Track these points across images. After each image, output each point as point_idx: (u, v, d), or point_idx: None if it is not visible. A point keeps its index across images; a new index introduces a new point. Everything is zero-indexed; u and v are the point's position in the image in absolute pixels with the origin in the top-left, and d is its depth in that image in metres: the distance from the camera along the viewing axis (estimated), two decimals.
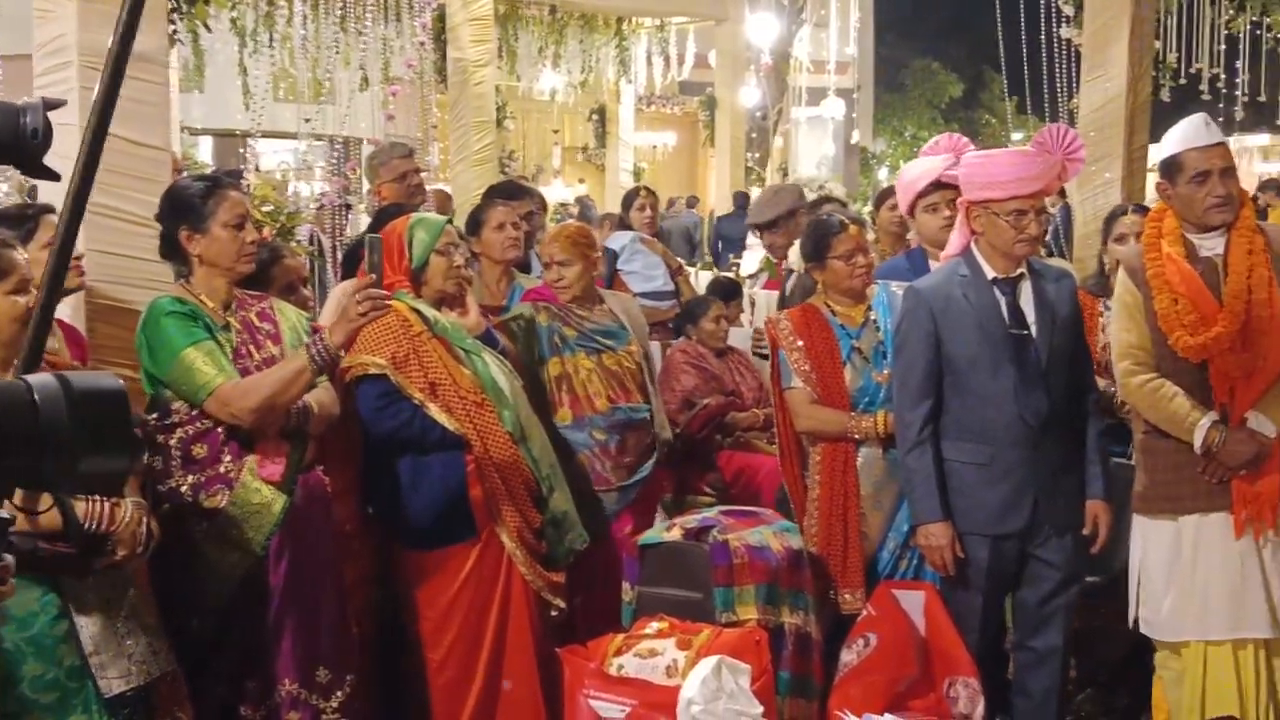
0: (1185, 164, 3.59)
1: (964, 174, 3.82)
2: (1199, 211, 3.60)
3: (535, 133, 17.58)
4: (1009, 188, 3.68)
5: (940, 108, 28.33)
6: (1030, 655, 3.91)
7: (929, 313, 3.79)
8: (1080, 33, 6.62)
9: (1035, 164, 3.71)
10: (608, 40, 12.20)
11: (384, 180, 5.47)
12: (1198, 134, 3.61)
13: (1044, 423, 3.72)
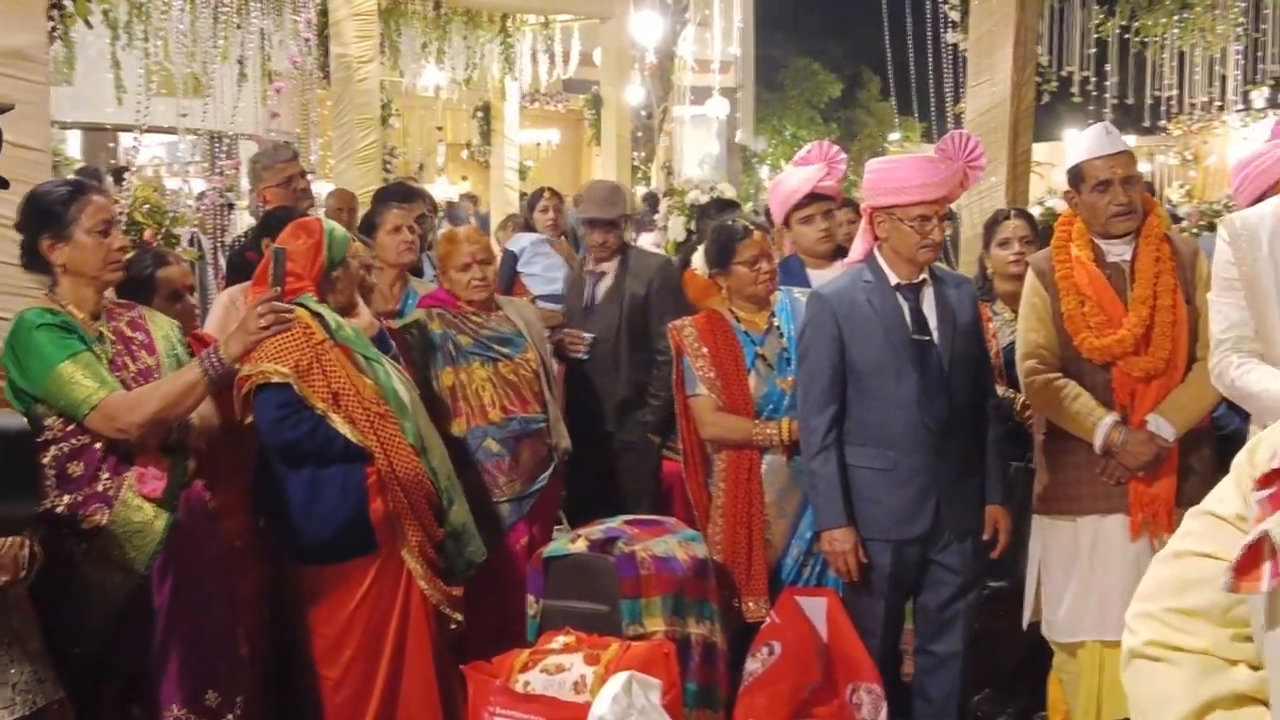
0: (1088, 173, 3.66)
1: (869, 180, 3.83)
2: (1103, 219, 3.67)
3: (419, 130, 17.37)
4: (913, 193, 3.70)
5: (819, 107, 28.67)
6: (931, 659, 3.93)
7: (833, 319, 3.79)
8: (966, 38, 6.72)
9: (939, 170, 3.74)
10: (492, 37, 12.08)
11: (268, 184, 5.30)
12: (1100, 143, 3.68)
13: (945, 428, 3.75)
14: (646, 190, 13.64)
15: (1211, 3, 14.79)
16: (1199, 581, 1.47)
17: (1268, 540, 1.31)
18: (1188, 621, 1.48)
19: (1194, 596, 1.47)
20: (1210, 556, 1.47)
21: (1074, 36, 14.73)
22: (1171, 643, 1.49)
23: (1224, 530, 1.47)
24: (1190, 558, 1.50)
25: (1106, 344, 3.64)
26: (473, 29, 11.79)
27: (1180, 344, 3.66)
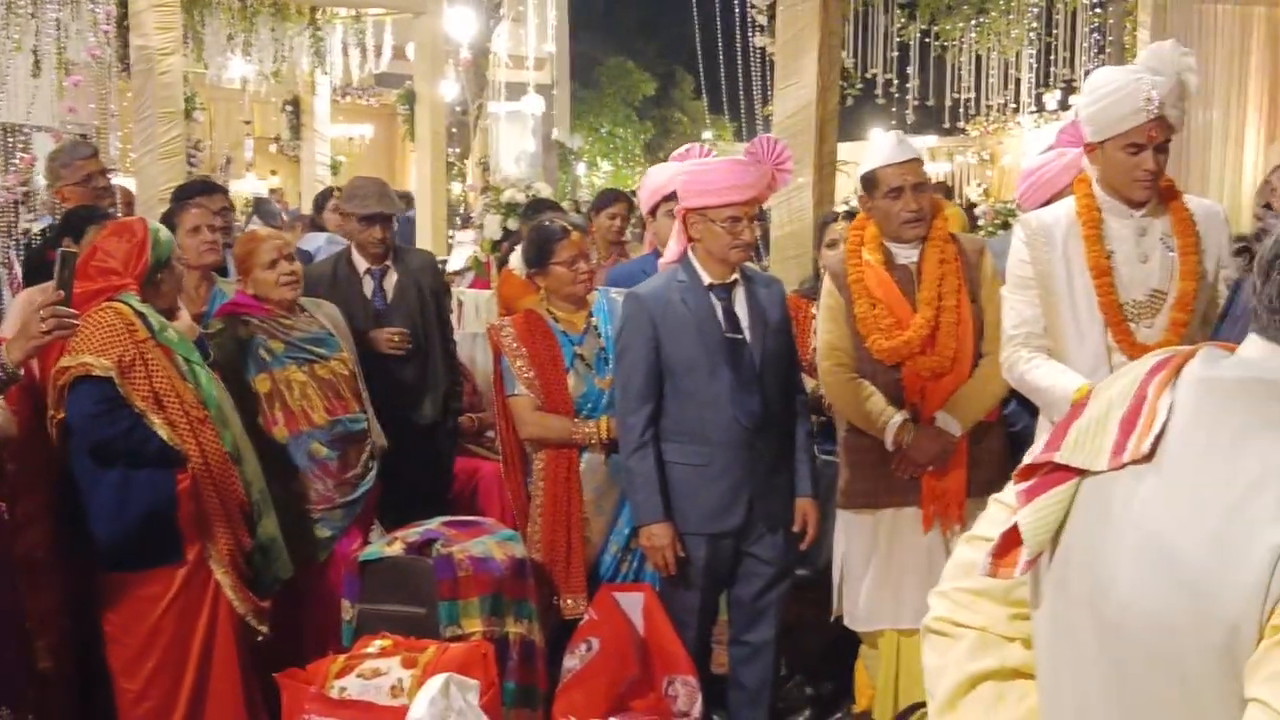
0: (881, 180, 3.79)
1: (682, 182, 3.89)
2: (895, 225, 3.81)
3: (225, 123, 16.88)
4: (725, 195, 3.76)
5: (634, 105, 28.88)
6: (745, 649, 4.02)
7: (649, 318, 3.84)
8: (774, 41, 6.86)
9: (749, 173, 3.80)
10: (301, 29, 11.83)
11: (67, 182, 5.09)
12: (892, 151, 3.81)
13: (758, 424, 3.84)
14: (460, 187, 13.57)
15: (1006, 8, 15.44)
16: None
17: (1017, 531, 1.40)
18: (973, 600, 1.59)
19: (980, 577, 1.54)
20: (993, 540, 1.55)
21: (877, 40, 15.21)
22: (955, 619, 1.60)
23: (1007, 516, 1.54)
24: (979, 541, 1.58)
25: (895, 345, 3.78)
26: (281, 21, 11.52)
27: (965, 342, 3.82)
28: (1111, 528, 1.36)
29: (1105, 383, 1.48)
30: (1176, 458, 1.33)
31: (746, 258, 3.92)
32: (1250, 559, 1.21)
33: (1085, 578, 1.38)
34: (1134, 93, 3.15)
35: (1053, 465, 1.41)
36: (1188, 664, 1.26)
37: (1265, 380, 1.32)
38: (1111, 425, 1.39)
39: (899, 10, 15.39)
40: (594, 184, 24.34)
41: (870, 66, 15.11)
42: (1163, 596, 1.28)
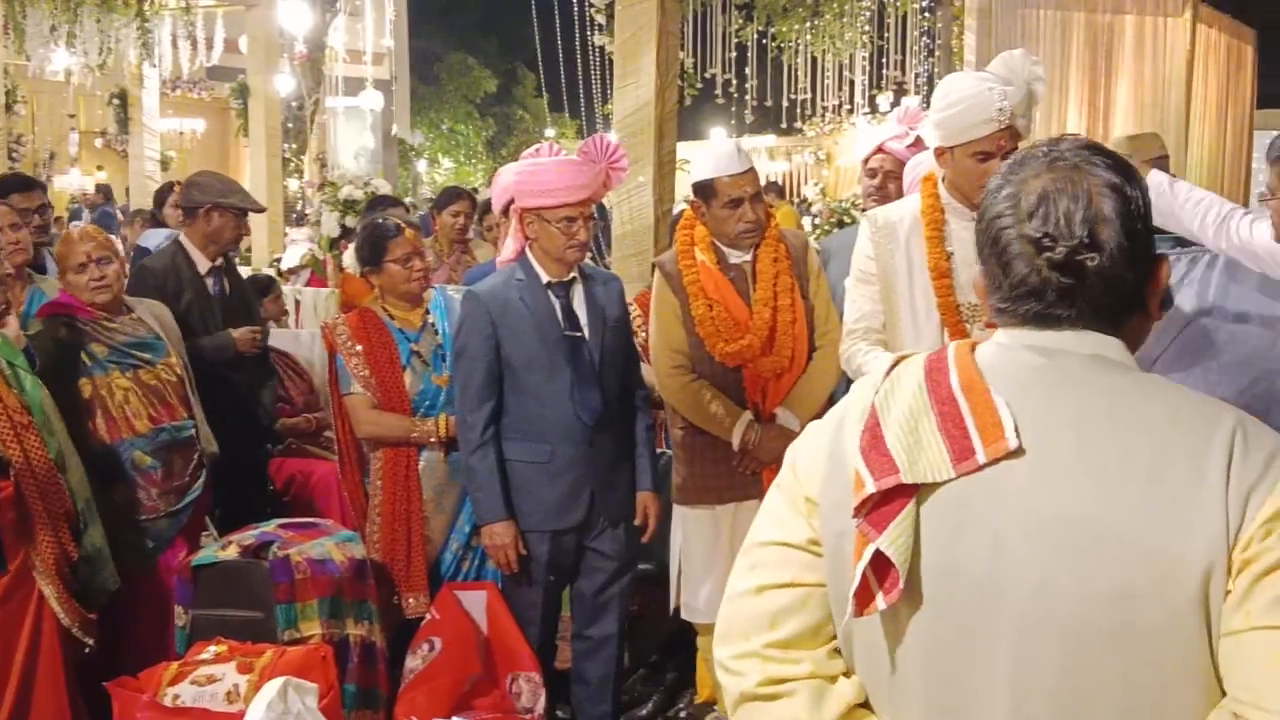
0: (719, 190, 3.81)
1: (516, 182, 3.85)
2: (731, 235, 3.85)
3: (49, 117, 16.26)
4: (559, 195, 3.75)
5: (475, 102, 28.70)
6: (587, 643, 4.03)
7: (488, 317, 3.82)
8: (612, 41, 6.90)
9: (583, 173, 3.80)
10: (128, 21, 11.46)
11: None
12: (730, 162, 3.81)
13: (598, 421, 3.85)
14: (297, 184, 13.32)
15: (840, 11, 15.82)
16: (787, 610, 1.54)
17: (882, 556, 1.41)
18: (788, 652, 1.54)
19: (787, 626, 1.53)
20: (793, 585, 1.55)
21: (716, 41, 15.43)
22: (779, 676, 1.53)
23: (798, 556, 1.55)
24: (773, 590, 1.55)
25: (737, 349, 3.82)
26: (106, 12, 11.14)
27: (801, 340, 3.89)
28: (988, 527, 1.40)
29: (879, 404, 1.49)
30: (1051, 443, 1.40)
31: (583, 257, 3.92)
32: (1199, 503, 1.33)
33: (970, 582, 1.40)
34: (985, 102, 3.16)
35: (894, 488, 1.42)
36: (1140, 626, 1.34)
37: (1100, 357, 1.44)
38: (930, 437, 1.43)
39: (737, 12, 15.63)
40: (435, 181, 24.12)
41: (710, 66, 15.33)
42: (1105, 569, 1.34)
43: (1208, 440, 1.37)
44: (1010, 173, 1.50)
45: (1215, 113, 11.01)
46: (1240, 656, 1.32)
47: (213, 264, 5.02)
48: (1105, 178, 1.45)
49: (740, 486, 3.86)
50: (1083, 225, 1.41)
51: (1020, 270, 1.45)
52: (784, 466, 1.63)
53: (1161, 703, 1.36)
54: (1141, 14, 10.30)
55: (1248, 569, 1.33)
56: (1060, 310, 1.44)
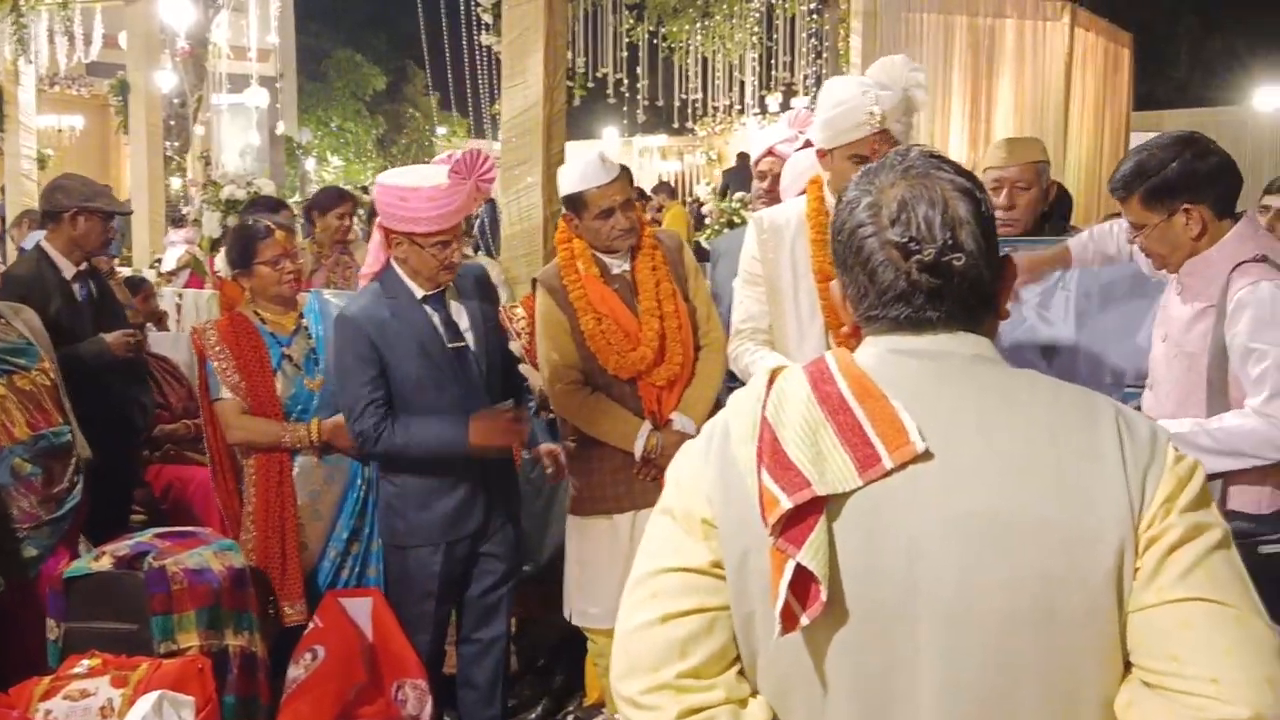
0: (590, 202, 3.77)
1: (383, 202, 3.71)
2: (606, 242, 3.83)
3: None
4: (432, 224, 3.64)
5: (364, 100, 28.34)
6: (475, 647, 4.00)
7: (366, 339, 3.70)
8: (500, 41, 6.86)
9: (455, 198, 3.67)
10: (3, 15, 11.11)
11: None
12: (596, 173, 3.77)
13: None
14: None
15: (730, 12, 15.92)
16: (695, 637, 1.51)
17: (802, 572, 1.41)
18: (700, 680, 1.51)
19: (697, 654, 1.50)
20: (699, 611, 1.51)
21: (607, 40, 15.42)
22: (697, 705, 1.51)
23: (700, 581, 1.52)
24: (678, 618, 1.51)
25: (631, 362, 3.81)
26: None
27: (688, 346, 3.89)
28: (903, 531, 1.42)
29: (771, 418, 1.49)
30: (957, 443, 1.44)
31: (454, 275, 3.81)
32: (1103, 487, 1.39)
33: (889, 587, 1.42)
34: (859, 106, 3.21)
35: (806, 501, 1.42)
36: (1061, 611, 1.38)
37: (981, 357, 1.49)
38: (831, 448, 1.44)
39: (627, 11, 15.64)
40: (324, 179, 23.77)
41: (601, 66, 15.31)
42: (1024, 559, 1.39)
43: (1095, 426, 1.44)
44: (866, 183, 1.54)
45: (1093, 114, 11.29)
46: (1154, 629, 1.39)
47: (78, 269, 4.89)
48: (956, 182, 1.50)
49: (639, 494, 3.84)
50: (943, 229, 1.46)
51: (888, 277, 1.48)
52: (667, 489, 1.60)
53: (1077, 683, 1.41)
54: (1021, 18, 10.53)
55: (1154, 545, 1.40)
56: (930, 312, 1.48)
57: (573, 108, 13.47)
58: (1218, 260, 2.96)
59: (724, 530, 1.51)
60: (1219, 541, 1.42)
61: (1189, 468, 1.45)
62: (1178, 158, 2.95)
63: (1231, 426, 2.85)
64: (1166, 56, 22.41)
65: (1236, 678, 1.34)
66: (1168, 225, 2.98)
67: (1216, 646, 1.36)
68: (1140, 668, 1.40)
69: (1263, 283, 2.86)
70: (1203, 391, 2.97)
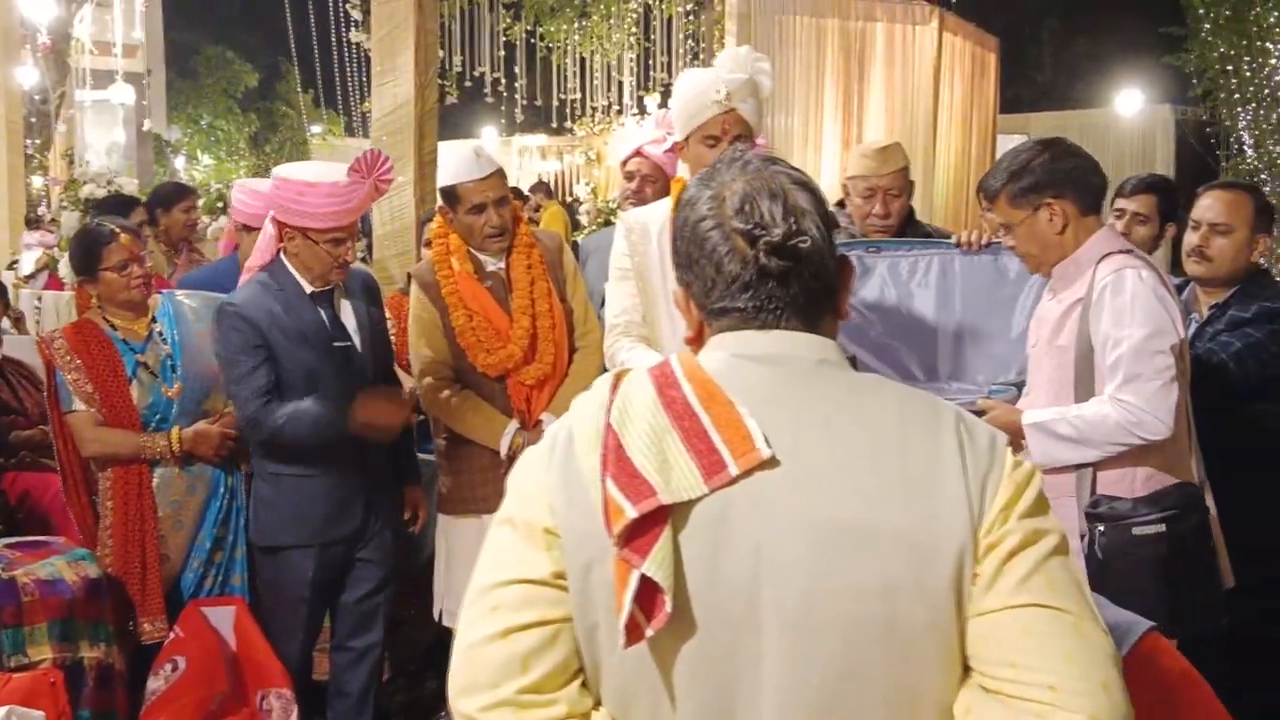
0: (463, 196, 3.79)
1: (279, 196, 3.68)
2: (479, 239, 3.83)
3: None
4: (328, 220, 3.64)
5: (236, 97, 27.79)
6: (349, 655, 3.96)
7: (252, 328, 3.66)
8: (370, 38, 6.79)
9: (351, 196, 3.67)
10: None
11: None
12: (469, 167, 3.78)
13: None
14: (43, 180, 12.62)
15: (607, 13, 15.94)
16: (537, 651, 1.47)
17: (647, 583, 1.38)
18: (541, 695, 1.47)
19: (539, 668, 1.47)
20: (540, 623, 1.48)
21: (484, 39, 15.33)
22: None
23: (542, 593, 1.48)
24: (520, 632, 1.47)
25: (499, 360, 3.80)
26: None
27: (562, 346, 3.90)
28: (749, 538, 1.41)
29: (616, 424, 1.46)
30: (803, 449, 1.43)
31: (346, 275, 3.80)
32: (945, 494, 1.40)
33: (735, 595, 1.41)
34: (707, 88, 3.30)
35: (654, 510, 1.40)
36: (904, 617, 1.39)
37: (827, 361, 1.49)
38: (677, 455, 1.42)
39: (504, 10, 15.58)
40: (194, 178, 23.24)
41: (478, 65, 15.22)
42: (870, 565, 1.38)
43: (937, 432, 1.45)
44: (707, 180, 1.54)
45: (961, 116, 11.51)
46: (993, 635, 1.40)
47: None
48: (793, 175, 1.53)
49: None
50: (786, 216, 1.47)
51: (734, 267, 1.48)
52: (509, 498, 1.57)
53: (919, 689, 1.42)
54: (891, 22, 10.68)
55: (994, 552, 1.41)
56: (776, 302, 1.48)
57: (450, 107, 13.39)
58: (1084, 257, 3.08)
59: (567, 540, 1.48)
60: (1056, 547, 1.44)
61: (1027, 473, 1.47)
62: (1039, 157, 3.09)
63: (1090, 415, 2.95)
64: (1032, 60, 23.03)
65: (1074, 684, 1.35)
66: (1033, 221, 3.10)
67: (1054, 653, 1.37)
68: (980, 673, 1.41)
69: (1126, 270, 2.98)
70: (1072, 386, 3.06)
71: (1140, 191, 4.33)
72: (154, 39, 20.49)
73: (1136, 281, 2.95)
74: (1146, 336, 2.90)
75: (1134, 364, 2.89)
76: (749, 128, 3.34)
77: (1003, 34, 13.30)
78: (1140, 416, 2.87)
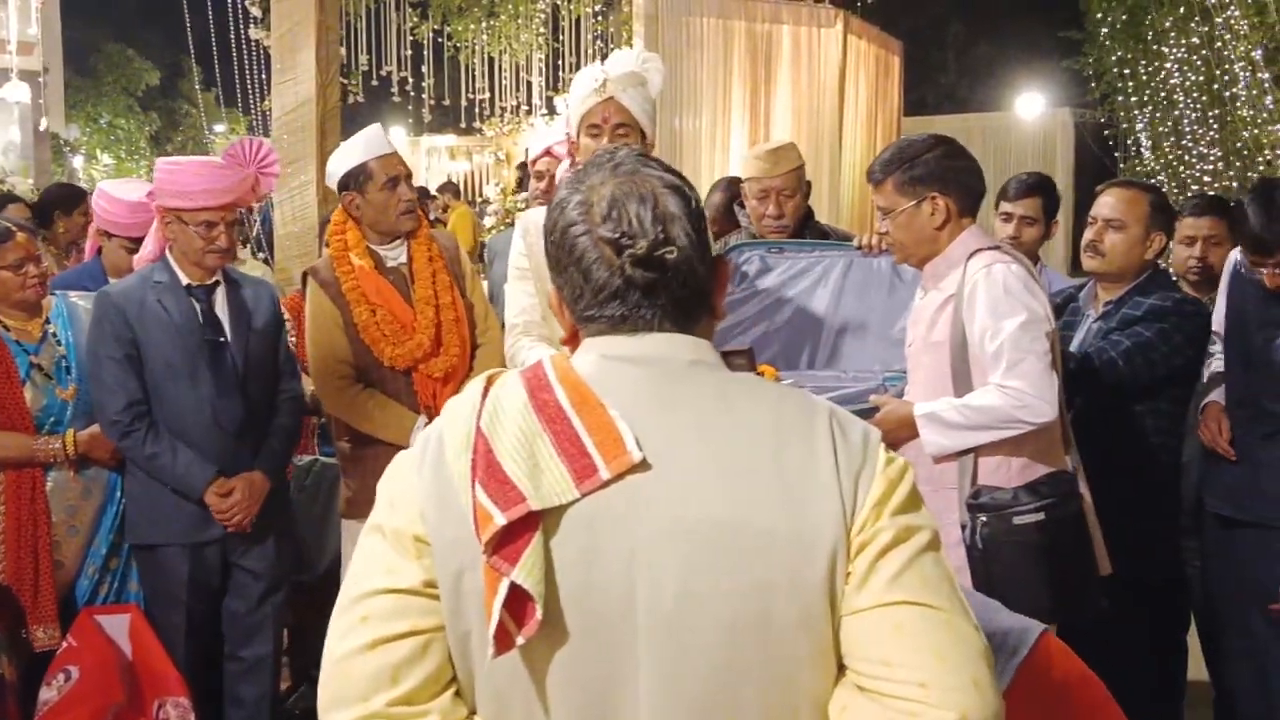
0: (375, 172, 3.78)
1: (157, 180, 3.72)
2: (393, 217, 3.81)
3: None
4: (199, 199, 3.64)
5: (137, 96, 27.27)
6: (240, 666, 3.90)
7: (123, 318, 3.66)
8: (269, 35, 6.69)
9: (226, 176, 3.68)
10: None
11: None
12: (380, 144, 3.81)
13: (240, 429, 3.75)
14: None
15: (515, 13, 15.88)
16: (408, 661, 1.44)
17: (518, 590, 1.36)
18: (413, 707, 1.44)
19: (410, 679, 1.43)
20: (411, 634, 1.45)
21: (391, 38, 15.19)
22: None
23: (413, 602, 1.45)
24: (390, 643, 1.44)
25: (407, 351, 3.78)
26: None
27: (465, 340, 3.89)
28: (622, 542, 1.39)
29: (486, 429, 1.45)
30: (676, 451, 1.42)
31: (224, 262, 3.80)
32: (818, 492, 1.40)
33: (608, 600, 1.39)
34: (587, 77, 3.38)
35: (524, 516, 1.38)
36: (778, 616, 1.38)
37: (700, 362, 1.48)
38: (548, 460, 1.41)
39: (411, 9, 15.46)
40: (94, 178, 22.76)
41: (385, 64, 15.08)
42: (744, 566, 1.37)
43: (811, 430, 1.44)
44: (576, 183, 1.52)
45: (866, 119, 11.66)
46: (865, 633, 1.40)
47: None
48: (665, 179, 1.50)
49: None
50: (654, 223, 1.45)
51: (602, 274, 1.46)
52: (378, 505, 1.53)
53: (795, 689, 1.41)
54: (797, 25, 10.79)
55: (865, 550, 1.41)
56: (645, 310, 1.47)
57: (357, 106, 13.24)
58: (955, 254, 3.13)
59: (437, 548, 1.45)
60: (928, 543, 1.44)
61: (899, 470, 1.47)
62: (932, 151, 3.14)
63: (978, 403, 3.00)
64: (936, 64, 23.36)
65: (945, 681, 1.35)
66: (915, 211, 3.15)
67: (925, 650, 1.37)
68: (854, 671, 1.41)
69: (996, 265, 3.05)
70: (950, 380, 3.11)
71: (1025, 195, 4.38)
72: (51, 36, 20.01)
73: (1007, 274, 3.02)
74: (1023, 324, 2.96)
75: (1015, 350, 2.95)
76: (631, 118, 3.38)
77: (907, 38, 13.49)
78: (1026, 400, 2.94)
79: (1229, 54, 9.10)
